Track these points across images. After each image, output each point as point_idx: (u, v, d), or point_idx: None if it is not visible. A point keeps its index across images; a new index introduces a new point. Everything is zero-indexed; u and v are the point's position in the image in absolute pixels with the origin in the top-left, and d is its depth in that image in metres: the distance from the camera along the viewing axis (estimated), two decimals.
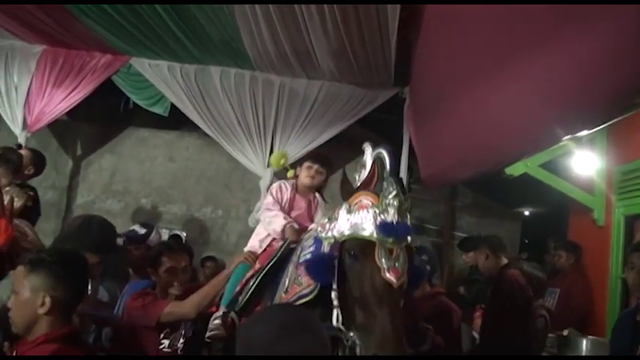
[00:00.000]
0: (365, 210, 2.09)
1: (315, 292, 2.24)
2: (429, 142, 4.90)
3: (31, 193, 4.51)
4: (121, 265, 4.19)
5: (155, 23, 5.23)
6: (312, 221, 3.53)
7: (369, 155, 2.33)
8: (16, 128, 6.57)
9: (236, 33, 5.18)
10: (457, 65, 3.26)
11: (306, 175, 3.63)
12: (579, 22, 1.78)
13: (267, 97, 6.41)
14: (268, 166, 6.28)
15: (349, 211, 2.15)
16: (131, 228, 4.34)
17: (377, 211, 2.05)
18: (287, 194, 3.63)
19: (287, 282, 2.45)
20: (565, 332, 4.74)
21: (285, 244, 2.92)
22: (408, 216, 2.12)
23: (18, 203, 3.90)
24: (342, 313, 2.11)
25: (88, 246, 2.97)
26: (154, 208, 7.37)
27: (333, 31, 4.66)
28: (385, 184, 2.12)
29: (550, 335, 4.74)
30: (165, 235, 6.82)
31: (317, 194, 3.74)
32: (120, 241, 3.98)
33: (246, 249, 3.57)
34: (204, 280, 5.06)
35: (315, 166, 3.62)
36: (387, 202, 2.05)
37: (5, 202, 3.68)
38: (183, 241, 6.83)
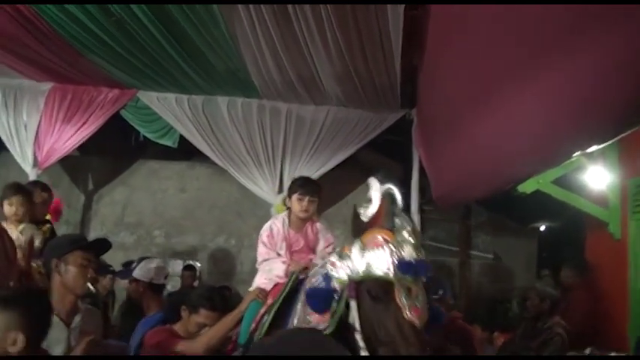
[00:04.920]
0: (380, 248, 2.03)
1: (328, 331, 2.16)
2: (439, 163, 4.87)
3: (49, 225, 4.46)
4: None
5: (161, 57, 5.26)
6: (313, 251, 3.53)
7: (374, 190, 2.26)
8: (27, 166, 6.58)
9: (241, 63, 5.21)
10: (464, 84, 3.24)
11: (299, 209, 3.55)
12: (588, 35, 1.75)
13: (274, 124, 6.44)
14: (278, 194, 6.27)
15: (363, 249, 2.08)
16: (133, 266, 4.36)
17: (393, 249, 2.00)
18: (280, 234, 3.56)
19: (295, 322, 2.40)
20: (587, 351, 4.63)
21: (293, 278, 2.88)
22: (423, 252, 2.07)
23: (37, 241, 3.88)
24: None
25: None
26: (167, 239, 7.38)
27: (337, 56, 4.67)
28: (398, 220, 2.07)
29: (571, 354, 4.64)
30: (179, 266, 6.83)
31: (314, 220, 3.69)
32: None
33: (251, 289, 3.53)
34: None
35: (307, 197, 3.54)
36: (402, 238, 2.02)
37: (24, 243, 3.70)
38: (197, 272, 6.81)
